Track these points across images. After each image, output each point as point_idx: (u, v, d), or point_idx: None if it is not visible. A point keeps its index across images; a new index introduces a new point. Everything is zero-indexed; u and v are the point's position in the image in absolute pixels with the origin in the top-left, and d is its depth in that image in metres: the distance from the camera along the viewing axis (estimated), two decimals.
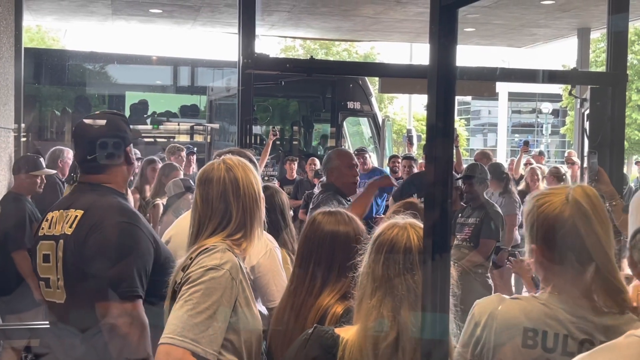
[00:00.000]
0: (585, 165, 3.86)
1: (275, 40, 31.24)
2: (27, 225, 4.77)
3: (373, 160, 10.93)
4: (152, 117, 14.27)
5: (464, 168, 6.81)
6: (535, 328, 1.87)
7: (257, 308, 2.35)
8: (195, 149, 9.44)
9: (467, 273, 5.39)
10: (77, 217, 2.53)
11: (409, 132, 13.19)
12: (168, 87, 14.82)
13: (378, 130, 13.47)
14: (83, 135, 2.69)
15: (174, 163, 6.62)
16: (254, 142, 12.90)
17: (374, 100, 14.24)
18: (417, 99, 28.63)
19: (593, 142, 4.61)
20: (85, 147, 2.66)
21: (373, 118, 13.88)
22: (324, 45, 32.52)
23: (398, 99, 35.03)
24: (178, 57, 17.72)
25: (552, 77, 4.78)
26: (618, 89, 4.62)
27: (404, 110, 34.34)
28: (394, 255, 1.85)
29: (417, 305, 1.78)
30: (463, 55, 19.69)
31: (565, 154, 10.82)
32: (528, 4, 11.11)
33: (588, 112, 4.82)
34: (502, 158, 39.25)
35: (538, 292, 2.00)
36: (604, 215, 1.89)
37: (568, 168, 9.22)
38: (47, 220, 2.65)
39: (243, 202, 2.27)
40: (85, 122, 2.72)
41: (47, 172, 5.21)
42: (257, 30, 4.12)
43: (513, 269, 4.00)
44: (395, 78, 5.59)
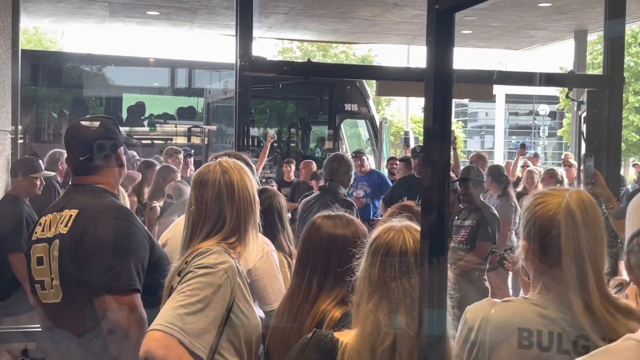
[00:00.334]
0: (582, 168, 3.86)
1: (273, 42, 31.27)
2: (24, 228, 4.75)
3: (371, 163, 10.91)
4: (149, 119, 14.25)
5: (461, 170, 6.81)
6: (530, 328, 1.88)
7: (256, 310, 2.35)
8: (193, 151, 9.43)
9: (463, 276, 5.38)
10: (72, 216, 2.55)
11: (407, 134, 13.16)
12: (165, 89, 14.81)
13: (375, 133, 13.47)
14: (75, 138, 2.71)
15: (172, 165, 6.61)
16: (252, 144, 12.90)
17: (372, 103, 14.23)
18: (414, 101, 28.67)
19: (590, 144, 4.61)
20: (77, 149, 2.69)
21: (370, 120, 13.87)
22: (322, 48, 32.51)
23: (395, 101, 35.03)
24: (175, 59, 17.71)
25: (549, 80, 4.79)
26: (615, 92, 4.63)
27: (402, 113, 34.34)
28: (390, 259, 1.85)
29: (413, 309, 1.78)
30: (460, 57, 19.69)
31: (562, 156, 10.82)
32: (525, 7, 11.12)
33: (585, 114, 4.83)
34: (499, 160, 39.28)
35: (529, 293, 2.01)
36: (596, 224, 1.89)
37: (565, 170, 9.22)
38: (40, 225, 2.67)
39: (238, 205, 2.26)
40: (76, 125, 2.75)
41: (45, 174, 5.19)
42: (254, 33, 4.13)
43: (511, 269, 4.01)
44: (393, 81, 5.58)
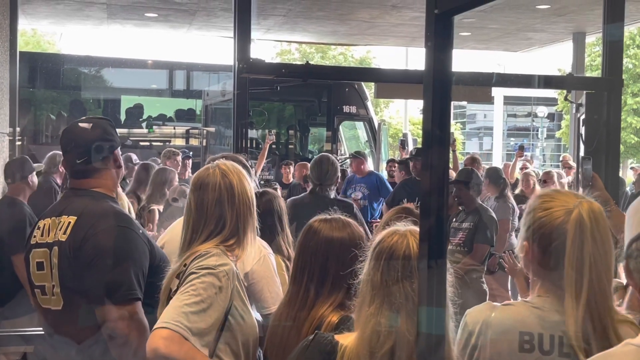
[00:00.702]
0: (580, 171, 3.85)
1: (271, 44, 31.30)
2: (27, 229, 4.73)
3: (369, 164, 10.91)
4: (147, 121, 14.24)
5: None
6: (531, 332, 1.87)
7: (252, 313, 2.35)
8: (191, 153, 9.41)
9: (461, 278, 5.37)
10: (70, 223, 2.53)
11: (404, 136, 13.18)
12: (163, 91, 14.81)
13: (374, 135, 13.47)
14: (72, 141, 2.68)
15: (169, 168, 6.58)
16: (250, 146, 12.91)
17: (370, 104, 14.24)
18: (413, 103, 28.62)
19: (589, 146, 4.61)
20: (74, 152, 2.66)
21: (369, 122, 13.88)
22: (320, 49, 32.51)
23: (394, 103, 35.02)
24: (174, 61, 17.72)
25: (547, 82, 4.79)
26: (613, 94, 4.64)
27: (400, 114, 34.34)
28: (393, 263, 1.84)
29: (414, 314, 1.77)
30: (459, 59, 19.70)
31: (561, 158, 10.83)
32: (524, 9, 11.12)
33: (583, 116, 4.83)
34: (497, 162, 39.29)
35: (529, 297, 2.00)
36: (604, 237, 1.86)
37: (565, 172, 9.24)
38: (39, 228, 2.64)
39: (237, 208, 2.27)
40: (72, 127, 2.72)
41: (36, 169, 5.16)
42: (253, 34, 4.13)
43: (508, 270, 4.00)
44: (391, 83, 5.56)
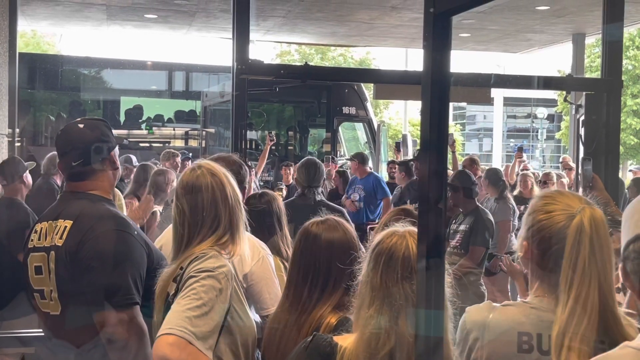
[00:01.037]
0: (580, 172, 3.85)
1: (271, 45, 31.27)
2: (31, 227, 4.71)
3: (369, 166, 10.90)
4: (146, 122, 14.25)
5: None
6: (530, 332, 1.87)
7: (251, 313, 2.35)
8: (191, 154, 9.41)
9: (459, 279, 5.35)
10: (66, 227, 2.51)
11: (404, 137, 13.17)
12: (163, 92, 14.81)
13: (373, 136, 13.47)
14: (69, 143, 2.65)
15: (168, 169, 6.57)
16: (250, 147, 12.92)
17: (370, 106, 14.24)
18: (412, 104, 28.60)
19: (588, 148, 4.60)
20: (70, 154, 2.63)
21: (368, 123, 13.88)
22: (320, 50, 32.51)
23: (393, 104, 35.02)
24: (173, 62, 17.72)
25: (547, 83, 4.79)
26: (613, 95, 4.63)
27: (400, 115, 34.35)
28: (393, 264, 1.83)
29: (414, 315, 1.76)
30: (458, 61, 19.72)
31: (560, 159, 10.84)
32: (523, 10, 11.13)
33: (583, 117, 4.82)
34: (497, 163, 39.31)
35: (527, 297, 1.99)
36: (604, 245, 1.83)
37: (565, 173, 9.24)
38: (36, 232, 2.62)
39: (230, 205, 2.27)
40: (68, 129, 2.69)
41: (29, 167, 5.12)
42: (252, 36, 4.12)
43: (508, 271, 3.98)
44: (390, 84, 5.56)
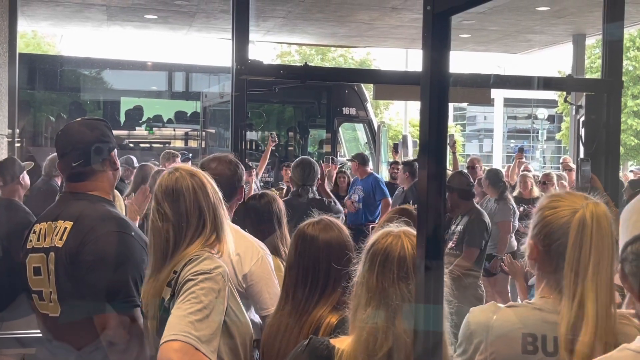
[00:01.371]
0: (578, 173, 3.85)
1: (272, 46, 31.26)
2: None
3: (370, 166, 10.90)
4: (147, 122, 14.25)
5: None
6: (534, 333, 1.86)
7: (246, 313, 2.35)
8: (191, 155, 9.41)
9: (456, 281, 5.30)
10: (66, 228, 2.49)
11: (404, 137, 13.15)
12: (163, 92, 14.81)
13: (374, 136, 13.46)
14: (69, 143, 2.63)
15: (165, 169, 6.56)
16: (250, 147, 12.92)
17: (370, 106, 14.23)
18: (413, 105, 28.62)
19: (588, 148, 4.60)
20: (70, 155, 2.61)
21: (369, 124, 13.87)
22: (320, 51, 32.52)
23: (394, 105, 35.02)
24: (173, 62, 17.71)
25: (547, 84, 4.78)
26: (613, 96, 4.63)
27: (400, 116, 34.36)
28: (388, 265, 1.83)
29: (412, 315, 1.76)
30: (459, 61, 19.71)
31: (561, 160, 10.83)
32: (523, 11, 11.12)
33: (583, 118, 4.82)
34: (498, 164, 39.32)
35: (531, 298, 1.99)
36: (604, 239, 1.82)
37: (566, 174, 9.24)
38: (34, 233, 2.60)
39: (213, 204, 2.26)
40: (68, 129, 2.67)
41: (26, 167, 5.12)
42: (252, 36, 4.12)
43: (509, 270, 3.97)
44: (390, 85, 5.55)
